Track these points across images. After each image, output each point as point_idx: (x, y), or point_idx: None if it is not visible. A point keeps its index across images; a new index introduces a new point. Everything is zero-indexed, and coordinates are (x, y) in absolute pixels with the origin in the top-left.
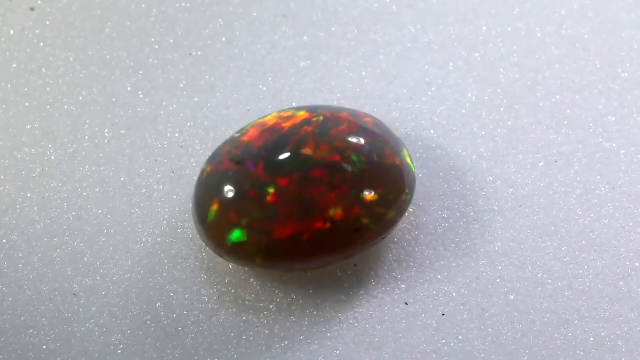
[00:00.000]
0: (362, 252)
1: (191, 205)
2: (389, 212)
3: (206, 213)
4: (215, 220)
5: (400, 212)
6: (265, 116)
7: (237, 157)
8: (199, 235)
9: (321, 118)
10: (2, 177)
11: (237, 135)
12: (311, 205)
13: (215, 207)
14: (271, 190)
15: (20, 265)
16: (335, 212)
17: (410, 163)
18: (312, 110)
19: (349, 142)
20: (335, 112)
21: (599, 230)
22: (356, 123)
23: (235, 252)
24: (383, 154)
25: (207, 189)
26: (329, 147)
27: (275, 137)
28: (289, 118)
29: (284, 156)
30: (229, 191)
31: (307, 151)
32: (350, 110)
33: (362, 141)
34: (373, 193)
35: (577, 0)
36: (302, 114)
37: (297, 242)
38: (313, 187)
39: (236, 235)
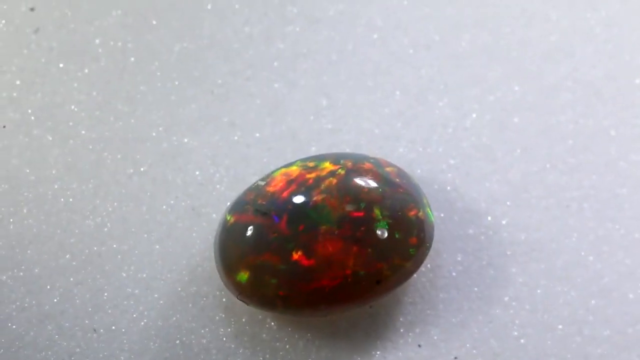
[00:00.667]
0: (384, 298)
1: (214, 253)
2: (410, 264)
3: (230, 266)
4: (238, 273)
5: (420, 263)
6: (290, 165)
7: (262, 207)
8: (220, 280)
9: (344, 170)
10: (25, 211)
11: (262, 183)
12: (335, 260)
13: (239, 261)
14: (295, 246)
15: (42, 300)
16: (359, 266)
17: (430, 212)
18: (336, 161)
19: (373, 195)
20: (358, 162)
21: (609, 277)
22: (379, 174)
23: (258, 300)
24: (406, 207)
25: (231, 241)
26: (352, 200)
27: (300, 189)
28: (313, 169)
29: (308, 210)
30: (254, 245)
31: (332, 205)
32: (373, 159)
33: (386, 194)
34: (396, 245)
35: (591, 45)
36: (327, 165)
37: (320, 293)
38: (337, 242)
39: (259, 285)
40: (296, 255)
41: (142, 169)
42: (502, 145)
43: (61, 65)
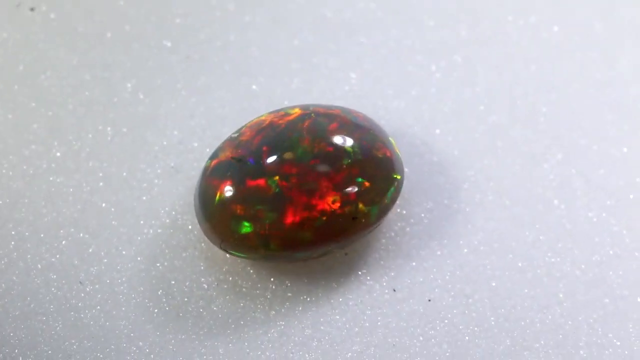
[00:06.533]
0: (359, 239)
1: (194, 200)
2: (383, 199)
3: (211, 206)
4: (219, 212)
5: (393, 199)
6: (259, 117)
7: (238, 155)
8: (202, 230)
9: (314, 114)
10: (11, 173)
11: (235, 135)
12: (311, 195)
13: (219, 200)
14: (273, 182)
15: (29, 256)
16: (334, 200)
17: (398, 151)
18: (305, 107)
19: (344, 134)
20: (327, 109)
21: (575, 221)
22: (348, 118)
23: (240, 244)
24: (375, 146)
25: (211, 182)
26: (325, 140)
27: (274, 133)
28: (283, 116)
29: (283, 150)
30: (233, 183)
31: (305, 144)
32: (340, 107)
33: (356, 134)
34: (368, 181)
35: (550, 4)
36: (296, 111)
37: (299, 232)
38: (312, 178)
39: (240, 226)
40: (273, 194)
41: (122, 130)
42: (468, 100)
43: (42, 36)
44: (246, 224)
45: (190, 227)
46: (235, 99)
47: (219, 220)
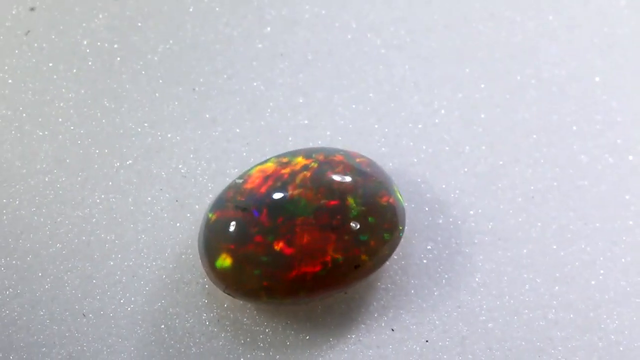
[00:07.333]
0: (360, 283)
1: (198, 247)
2: (385, 248)
3: (215, 260)
4: (224, 266)
5: (394, 247)
6: (265, 162)
7: (241, 204)
8: (207, 277)
9: (317, 163)
10: (17, 202)
11: (240, 181)
12: (314, 248)
13: (223, 255)
14: (275, 238)
15: (34, 287)
16: (337, 253)
17: (400, 198)
18: (308, 155)
19: (346, 185)
20: (329, 155)
21: (572, 264)
22: (350, 165)
23: (243, 292)
24: (377, 194)
25: (214, 237)
26: (327, 191)
27: (277, 184)
28: (287, 164)
29: (286, 202)
30: (236, 238)
31: (307, 197)
32: (343, 151)
33: (358, 183)
34: (371, 232)
35: (555, 46)
36: (299, 160)
37: (301, 281)
38: (315, 231)
39: (243, 279)
40: (277, 246)
41: (128, 163)
42: (470, 140)
43: (51, 64)
44: (249, 275)
45: (193, 262)
46: (239, 133)
47: (222, 272)
